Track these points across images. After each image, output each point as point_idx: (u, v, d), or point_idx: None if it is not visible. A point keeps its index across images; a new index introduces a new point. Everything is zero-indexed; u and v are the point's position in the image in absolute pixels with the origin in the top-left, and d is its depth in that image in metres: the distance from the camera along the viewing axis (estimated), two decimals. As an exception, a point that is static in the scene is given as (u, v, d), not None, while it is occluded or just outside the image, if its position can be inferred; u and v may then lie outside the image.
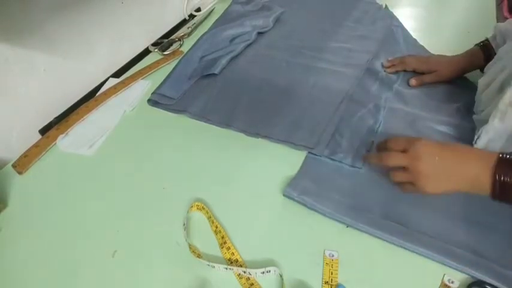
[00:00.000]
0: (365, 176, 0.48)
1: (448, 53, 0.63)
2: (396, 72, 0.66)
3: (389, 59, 0.68)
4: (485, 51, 0.58)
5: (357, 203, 0.45)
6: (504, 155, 0.37)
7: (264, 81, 0.65)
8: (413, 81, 0.63)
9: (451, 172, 0.39)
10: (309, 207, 0.45)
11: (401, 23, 0.80)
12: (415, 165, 0.40)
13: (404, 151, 0.42)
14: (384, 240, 0.41)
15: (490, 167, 0.36)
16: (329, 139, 0.53)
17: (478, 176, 0.37)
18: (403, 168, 0.41)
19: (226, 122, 0.57)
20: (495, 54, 0.55)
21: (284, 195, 0.46)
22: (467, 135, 0.54)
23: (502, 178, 0.36)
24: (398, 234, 0.41)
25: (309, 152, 0.52)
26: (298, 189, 0.46)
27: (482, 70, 0.59)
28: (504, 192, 0.36)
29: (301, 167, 0.50)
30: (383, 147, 0.46)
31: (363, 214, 0.43)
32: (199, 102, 0.61)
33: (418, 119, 0.56)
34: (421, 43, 0.74)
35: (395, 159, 0.42)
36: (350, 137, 0.53)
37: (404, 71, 0.66)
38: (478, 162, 0.38)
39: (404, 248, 0.41)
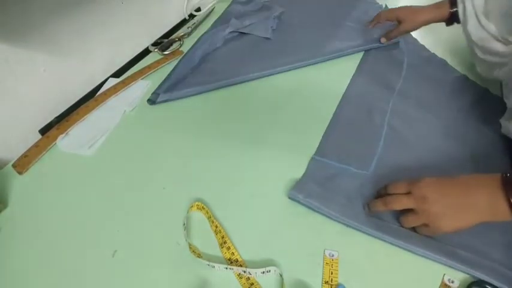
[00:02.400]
0: (371, 179, 0.48)
1: (447, 53, 0.63)
2: (376, 24, 0.73)
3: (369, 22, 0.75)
4: (451, 5, 0.61)
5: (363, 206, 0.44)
6: (506, 175, 0.36)
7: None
8: (382, 39, 0.71)
9: (462, 206, 0.38)
10: (315, 210, 0.44)
11: (401, 23, 0.80)
12: (423, 207, 0.39)
13: (407, 193, 0.41)
14: (387, 242, 0.41)
15: (499, 192, 0.36)
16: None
17: (490, 204, 0.36)
18: (411, 211, 0.41)
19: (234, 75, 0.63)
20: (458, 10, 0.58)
21: (289, 197, 0.46)
22: (469, 134, 0.54)
23: None
24: (402, 238, 0.41)
25: (314, 154, 0.51)
26: (304, 192, 0.45)
27: (447, 24, 0.63)
28: None
29: (307, 170, 0.49)
30: (383, 192, 0.44)
31: (369, 218, 0.43)
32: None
33: (421, 121, 0.56)
34: (421, 43, 0.74)
35: (401, 203, 0.41)
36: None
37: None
38: (485, 190, 0.37)
39: (406, 250, 0.41)
